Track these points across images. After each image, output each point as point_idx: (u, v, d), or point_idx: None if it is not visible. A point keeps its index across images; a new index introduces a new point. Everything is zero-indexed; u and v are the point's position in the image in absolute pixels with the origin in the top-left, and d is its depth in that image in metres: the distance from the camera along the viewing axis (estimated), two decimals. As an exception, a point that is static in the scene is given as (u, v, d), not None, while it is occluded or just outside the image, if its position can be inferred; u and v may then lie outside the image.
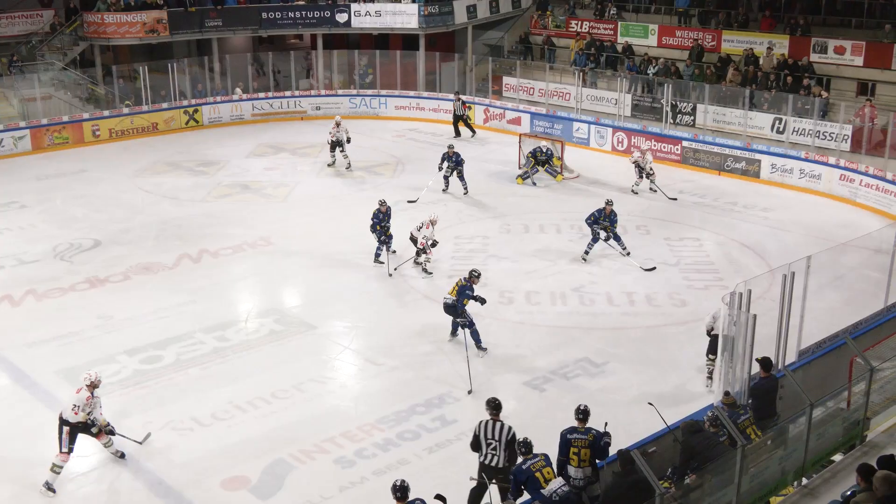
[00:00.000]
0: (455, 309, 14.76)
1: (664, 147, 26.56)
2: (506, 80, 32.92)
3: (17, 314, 16.75)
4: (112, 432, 11.98)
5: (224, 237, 20.54)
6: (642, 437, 10.71)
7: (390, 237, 18.75)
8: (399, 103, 32.34)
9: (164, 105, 30.76)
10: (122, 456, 12.06)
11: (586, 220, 18.81)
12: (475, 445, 10.46)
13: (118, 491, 11.58)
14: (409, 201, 22.46)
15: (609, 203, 18.70)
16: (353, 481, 11.64)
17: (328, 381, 14.28)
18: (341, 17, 33.51)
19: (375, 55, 33.96)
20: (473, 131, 29.78)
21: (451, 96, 30.34)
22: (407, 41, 35.03)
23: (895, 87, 26.30)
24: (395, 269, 18.38)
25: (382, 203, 18.80)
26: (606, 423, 10.18)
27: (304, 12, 33.63)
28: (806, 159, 23.84)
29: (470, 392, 13.77)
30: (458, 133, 29.41)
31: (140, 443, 12.27)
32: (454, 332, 15.35)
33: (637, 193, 23.44)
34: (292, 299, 17.79)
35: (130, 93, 31.08)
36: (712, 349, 13.46)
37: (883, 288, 14.63)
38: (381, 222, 18.59)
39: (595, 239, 18.84)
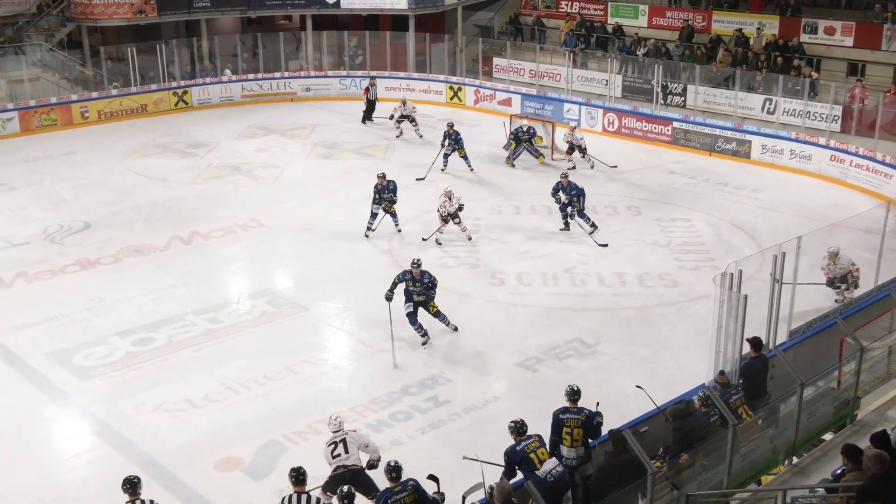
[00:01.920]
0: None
1: (655, 128, 26.55)
2: (496, 61, 32.83)
3: (7, 297, 16.70)
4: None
5: (215, 219, 20.48)
6: (634, 417, 10.76)
7: (395, 214, 19.10)
8: (389, 84, 32.14)
9: (153, 86, 30.58)
10: None
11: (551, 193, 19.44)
12: None
13: (112, 473, 11.53)
14: (418, 179, 22.63)
15: (564, 175, 19.36)
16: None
17: (320, 363, 14.30)
18: (331, -2, 33.34)
19: (365, 36, 33.78)
20: (367, 120, 29.02)
21: (368, 79, 30.11)
22: (396, 22, 34.85)
23: (885, 67, 26.33)
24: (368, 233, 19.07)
25: (382, 177, 18.95)
26: (598, 403, 10.23)
27: (293, -7, 33.45)
28: (796, 140, 23.87)
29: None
30: (366, 117, 29.05)
31: None
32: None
33: (575, 167, 23.59)
34: (284, 281, 17.78)
35: (119, 74, 30.87)
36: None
37: (873, 268, 14.71)
38: (380, 194, 18.75)
39: (562, 208, 19.26)
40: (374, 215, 19.12)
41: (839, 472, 9.42)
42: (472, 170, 23.45)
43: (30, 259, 18.28)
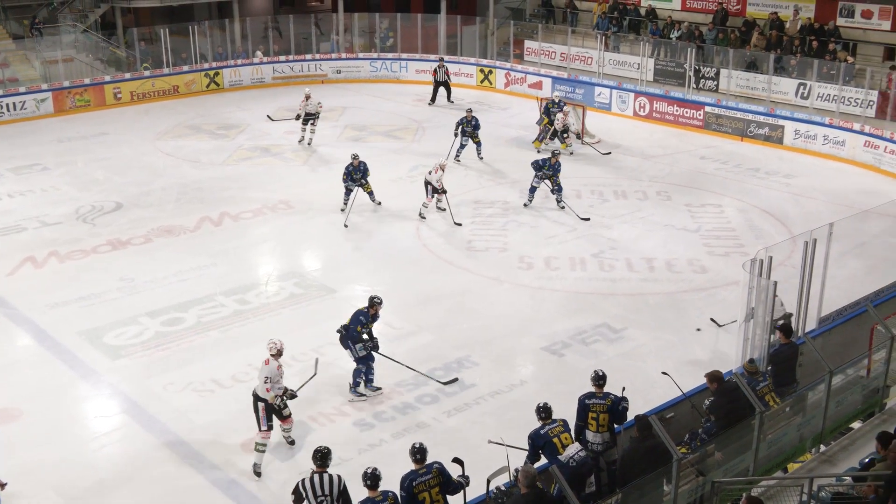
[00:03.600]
0: (345, 339, 12.78)
1: (686, 112, 26.33)
2: (527, 43, 32.63)
3: (39, 276, 16.89)
4: (294, 395, 11.51)
5: (244, 200, 20.59)
6: (660, 403, 10.73)
7: (371, 193, 19.59)
8: (420, 67, 32.14)
9: (185, 68, 30.73)
10: (293, 442, 11.73)
11: (532, 165, 19.66)
12: None
13: (140, 451, 11.72)
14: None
15: (555, 154, 19.62)
16: (372, 444, 11.73)
17: (348, 345, 14.33)
18: (362, -20, 33.28)
19: (396, 18, 33.76)
20: (448, 100, 29.22)
21: (435, 61, 30.07)
22: (428, 4, 34.80)
23: (923, 52, 25.94)
24: (346, 219, 19.14)
25: (355, 157, 19.36)
26: (624, 388, 10.21)
27: (324, -26, 33.45)
28: (830, 125, 23.59)
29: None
30: (434, 100, 29.18)
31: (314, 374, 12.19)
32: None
33: (572, 153, 23.65)
34: (312, 263, 17.86)
35: (151, 56, 31.03)
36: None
37: (905, 255, 14.54)
38: (351, 175, 19.22)
39: (533, 189, 19.67)
40: (348, 192, 19.45)
41: (867, 460, 9.37)
42: (481, 158, 23.27)
43: (62, 239, 18.47)
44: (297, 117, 24.82)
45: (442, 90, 29.23)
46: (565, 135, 23.77)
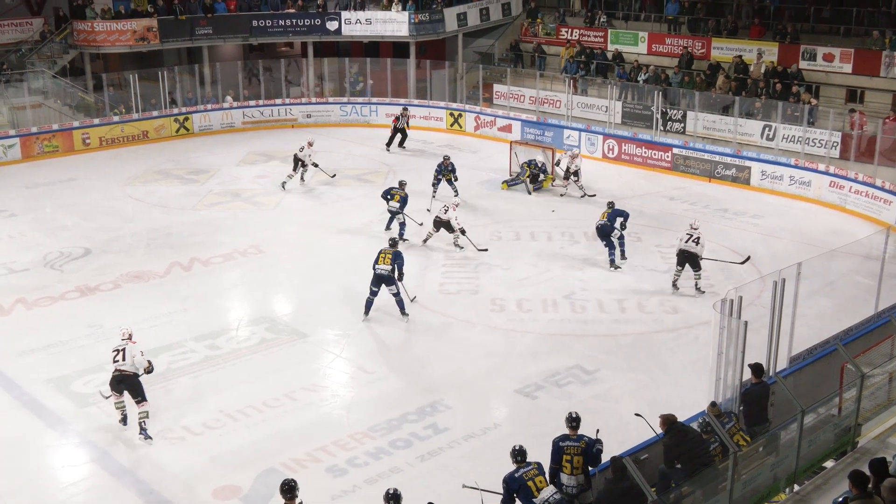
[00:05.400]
0: (392, 279, 16.10)
1: (654, 154, 26.61)
2: (496, 87, 32.97)
3: (6, 323, 16.67)
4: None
5: (215, 245, 20.50)
6: (634, 445, 10.70)
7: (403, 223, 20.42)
8: (390, 111, 32.23)
9: (155, 113, 30.70)
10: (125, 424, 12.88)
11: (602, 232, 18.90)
12: None
13: (110, 501, 11.53)
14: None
15: (624, 223, 18.96)
16: (346, 490, 11.61)
17: (320, 390, 14.25)
18: (332, 25, 33.54)
19: (366, 63, 34.00)
20: (400, 145, 29.18)
21: (400, 108, 30.19)
22: (397, 49, 35.09)
23: (884, 93, 26.44)
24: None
25: (403, 184, 20.68)
26: (598, 430, 10.19)
27: (294, 20, 33.65)
28: (796, 166, 23.93)
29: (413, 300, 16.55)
30: (390, 144, 29.17)
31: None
32: (368, 312, 16.43)
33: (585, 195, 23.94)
34: (283, 307, 17.76)
35: (120, 101, 30.98)
36: (679, 261, 17.36)
37: (873, 294, 14.66)
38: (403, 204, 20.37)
39: (611, 246, 18.84)
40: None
41: (841, 499, 9.36)
42: (456, 194, 23.35)
43: (29, 286, 18.26)
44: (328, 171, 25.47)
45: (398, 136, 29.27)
46: (576, 178, 23.91)
